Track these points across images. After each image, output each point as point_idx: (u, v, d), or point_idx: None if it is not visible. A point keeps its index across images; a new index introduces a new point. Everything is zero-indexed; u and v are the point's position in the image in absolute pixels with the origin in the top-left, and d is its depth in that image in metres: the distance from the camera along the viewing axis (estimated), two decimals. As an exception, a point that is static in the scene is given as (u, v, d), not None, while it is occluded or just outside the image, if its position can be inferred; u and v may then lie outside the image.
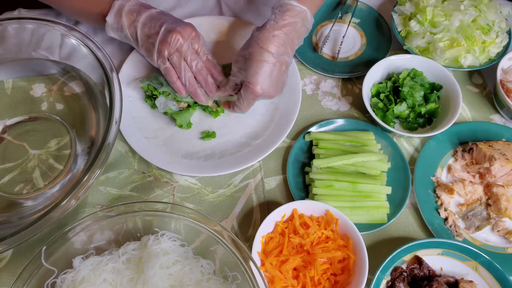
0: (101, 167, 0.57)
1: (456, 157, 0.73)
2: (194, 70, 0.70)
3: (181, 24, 0.69)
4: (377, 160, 0.69)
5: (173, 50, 0.68)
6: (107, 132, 0.58)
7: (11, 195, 0.66)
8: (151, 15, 0.69)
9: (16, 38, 0.73)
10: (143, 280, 0.54)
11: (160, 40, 0.68)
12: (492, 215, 0.68)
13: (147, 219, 0.57)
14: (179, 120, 0.73)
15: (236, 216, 0.69)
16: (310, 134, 0.73)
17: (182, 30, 0.67)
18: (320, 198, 0.66)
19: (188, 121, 0.74)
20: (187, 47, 0.68)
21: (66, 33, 0.69)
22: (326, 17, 0.90)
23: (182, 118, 0.73)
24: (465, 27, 0.78)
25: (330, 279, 0.60)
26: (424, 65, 0.77)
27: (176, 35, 0.67)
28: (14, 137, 0.71)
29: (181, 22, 0.70)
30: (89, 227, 0.55)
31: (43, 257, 0.52)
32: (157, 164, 0.69)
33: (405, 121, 0.76)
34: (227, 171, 0.69)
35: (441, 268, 0.63)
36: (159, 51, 0.68)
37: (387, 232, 0.68)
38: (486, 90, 0.83)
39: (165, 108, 0.73)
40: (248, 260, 0.52)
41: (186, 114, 0.73)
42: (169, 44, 0.67)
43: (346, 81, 0.83)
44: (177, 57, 0.68)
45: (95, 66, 0.66)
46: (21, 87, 0.75)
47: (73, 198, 0.55)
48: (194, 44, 0.70)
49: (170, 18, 0.70)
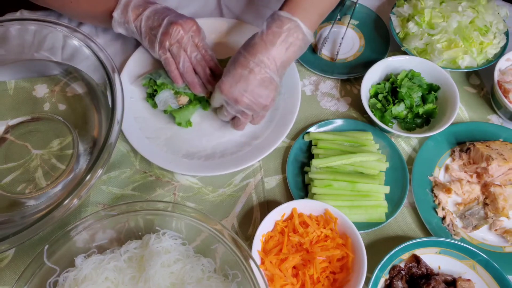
0: (103, 167, 0.57)
1: (453, 157, 0.74)
2: (193, 61, 0.72)
3: (183, 18, 0.71)
4: (376, 160, 0.70)
5: (174, 41, 0.70)
6: (109, 132, 0.59)
7: (13, 195, 0.66)
8: (156, 9, 0.72)
9: (19, 39, 0.73)
10: (145, 279, 0.54)
11: (162, 32, 0.70)
12: (490, 214, 0.68)
13: (148, 218, 0.58)
14: (178, 118, 0.73)
15: (236, 215, 0.69)
16: (309, 134, 0.74)
17: (184, 23, 0.70)
18: (319, 197, 0.67)
19: (188, 120, 0.74)
20: (187, 39, 0.70)
21: (68, 34, 0.70)
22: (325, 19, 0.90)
23: (182, 116, 0.73)
24: (462, 28, 0.79)
25: (329, 277, 0.61)
26: (422, 66, 0.78)
27: (177, 27, 0.69)
28: (17, 137, 0.71)
29: (184, 16, 0.72)
30: (91, 226, 0.55)
31: (45, 256, 0.52)
32: (158, 163, 0.70)
33: (403, 121, 0.76)
34: (227, 171, 0.69)
35: (439, 267, 0.63)
36: (160, 42, 0.70)
37: (385, 231, 0.68)
38: (483, 91, 0.83)
39: (165, 106, 0.74)
40: (248, 258, 0.53)
41: (186, 112, 0.74)
42: (170, 35, 0.69)
43: (345, 82, 0.83)
44: (177, 48, 0.70)
45: (97, 67, 0.66)
46: (24, 88, 0.76)
47: (75, 197, 0.55)
48: (194, 37, 0.72)
49: (174, 12, 0.73)
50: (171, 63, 0.72)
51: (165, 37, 0.70)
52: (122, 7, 0.71)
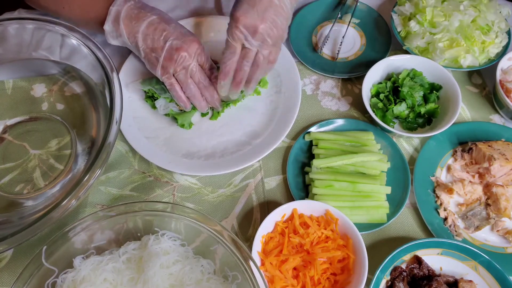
0: (101, 167, 0.57)
1: (455, 157, 0.73)
2: (201, 86, 0.70)
3: (186, 39, 0.66)
4: (377, 160, 0.69)
5: (180, 68, 0.66)
6: (108, 132, 0.58)
7: (11, 195, 0.66)
8: (152, 23, 0.67)
9: (17, 39, 0.73)
10: (144, 280, 0.54)
11: (165, 57, 0.66)
12: (492, 215, 0.68)
13: (147, 219, 0.57)
14: (180, 120, 0.73)
15: (236, 216, 0.69)
16: (310, 134, 0.73)
17: (189, 48, 0.66)
18: (320, 198, 0.66)
19: (189, 121, 0.74)
20: (194, 65, 0.67)
21: (66, 33, 0.69)
22: (326, 18, 0.90)
23: (184, 118, 0.73)
24: (464, 27, 0.79)
25: (330, 278, 0.61)
26: (423, 65, 0.78)
27: (183, 53, 0.65)
28: (15, 137, 0.71)
29: (187, 36, 0.67)
30: (89, 226, 0.55)
31: (44, 256, 0.52)
32: (158, 163, 0.69)
33: (405, 121, 0.76)
34: (227, 170, 0.69)
35: (441, 268, 0.63)
36: (163, 67, 0.67)
37: (386, 232, 0.68)
38: (485, 90, 0.83)
39: (166, 110, 0.74)
40: (248, 259, 0.52)
41: (188, 114, 0.74)
42: (175, 61, 0.66)
43: (345, 81, 0.83)
44: (183, 74, 0.67)
45: (96, 66, 0.66)
46: (22, 87, 0.75)
47: (73, 198, 0.55)
48: (199, 59, 0.68)
49: (173, 28, 0.67)
50: (178, 89, 0.69)
51: (169, 63, 0.66)
52: (113, 19, 0.67)
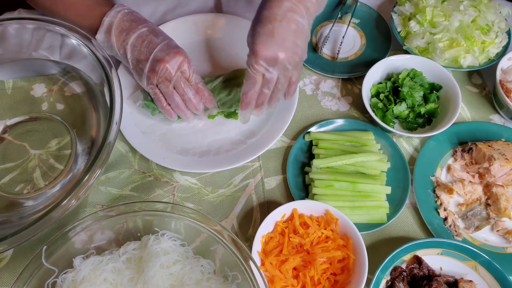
0: (101, 167, 0.57)
1: (455, 157, 0.73)
2: (185, 98, 0.70)
3: (170, 51, 0.66)
4: (377, 160, 0.69)
5: (162, 79, 0.67)
6: (108, 132, 0.58)
7: (11, 195, 0.66)
8: (141, 35, 0.67)
9: (17, 39, 0.73)
10: (144, 280, 0.54)
11: (149, 68, 0.67)
12: (492, 215, 0.68)
13: (147, 219, 0.57)
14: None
15: (236, 216, 0.69)
16: (310, 134, 0.73)
17: (171, 59, 0.65)
18: (320, 198, 0.66)
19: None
20: (176, 76, 0.67)
21: (66, 33, 0.69)
22: (326, 18, 0.90)
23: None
24: (464, 27, 0.79)
25: (330, 278, 0.61)
26: (423, 65, 0.78)
27: (163, 65, 0.65)
28: (15, 137, 0.71)
29: (171, 48, 0.67)
30: (89, 226, 0.55)
31: (44, 256, 0.52)
32: (153, 159, 0.69)
33: (405, 121, 0.76)
34: (222, 168, 0.69)
35: (441, 268, 0.63)
36: (147, 78, 0.68)
37: (386, 232, 0.68)
38: (485, 90, 0.83)
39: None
40: (248, 259, 0.52)
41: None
42: (156, 73, 0.66)
43: (345, 81, 0.83)
44: (165, 86, 0.68)
45: (96, 66, 0.66)
46: (22, 87, 0.75)
47: (73, 198, 0.54)
48: (184, 72, 0.68)
49: (161, 40, 0.67)
50: (161, 99, 0.69)
51: (152, 74, 0.67)
52: (105, 30, 0.68)
